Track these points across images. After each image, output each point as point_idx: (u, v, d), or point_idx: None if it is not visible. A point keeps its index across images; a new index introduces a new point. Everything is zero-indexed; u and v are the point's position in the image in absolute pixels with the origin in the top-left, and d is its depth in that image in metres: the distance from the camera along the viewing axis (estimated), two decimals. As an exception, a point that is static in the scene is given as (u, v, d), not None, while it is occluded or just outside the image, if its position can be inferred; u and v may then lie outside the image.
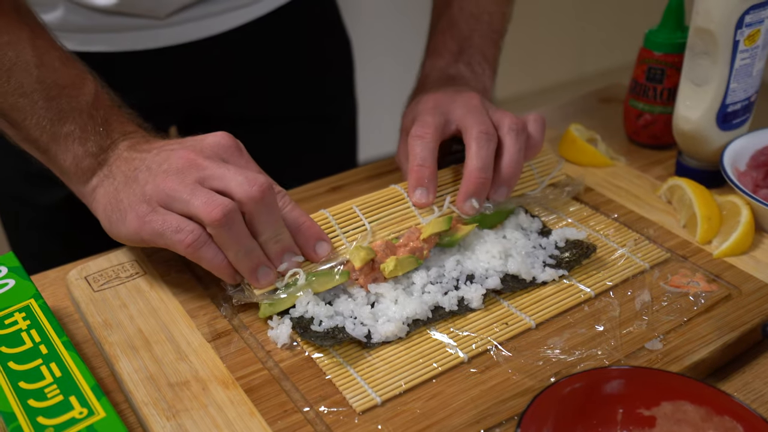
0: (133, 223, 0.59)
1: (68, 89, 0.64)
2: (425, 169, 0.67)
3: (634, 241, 0.69)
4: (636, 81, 0.84)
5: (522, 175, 0.72)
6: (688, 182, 0.73)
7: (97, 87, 0.66)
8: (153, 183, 0.59)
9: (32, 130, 0.63)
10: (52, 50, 0.65)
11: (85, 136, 0.63)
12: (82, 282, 0.64)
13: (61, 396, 0.50)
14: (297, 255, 0.61)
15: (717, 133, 0.76)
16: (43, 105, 0.63)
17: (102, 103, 0.65)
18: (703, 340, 0.58)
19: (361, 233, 0.65)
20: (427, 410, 0.53)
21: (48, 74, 0.63)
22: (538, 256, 0.66)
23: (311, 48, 0.96)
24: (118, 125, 0.65)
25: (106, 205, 0.62)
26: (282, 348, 0.58)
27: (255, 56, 0.90)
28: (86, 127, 0.64)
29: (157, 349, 0.58)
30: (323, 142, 1.02)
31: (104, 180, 0.63)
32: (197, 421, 0.52)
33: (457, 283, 0.63)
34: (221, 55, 0.88)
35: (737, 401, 0.47)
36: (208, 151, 0.60)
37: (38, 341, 0.55)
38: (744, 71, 0.73)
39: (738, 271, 0.65)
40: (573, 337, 0.59)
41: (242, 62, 0.90)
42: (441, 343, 0.58)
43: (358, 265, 0.61)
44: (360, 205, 0.67)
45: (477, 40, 0.81)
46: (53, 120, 0.63)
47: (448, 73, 0.79)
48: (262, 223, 0.58)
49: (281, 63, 0.93)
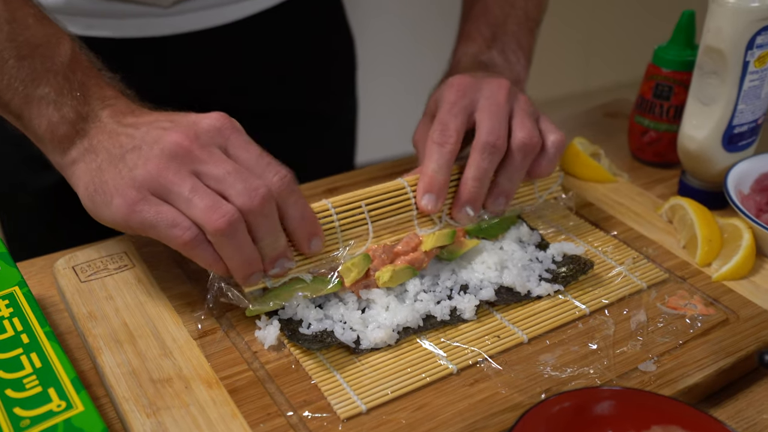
0: (120, 209, 0.55)
1: (42, 48, 0.59)
2: (439, 178, 0.65)
3: (633, 259, 0.68)
4: (643, 97, 0.83)
5: (521, 188, 0.71)
6: (690, 202, 0.72)
7: (74, 47, 0.61)
8: (144, 168, 0.55)
9: (3, 92, 0.59)
10: (26, 6, 0.60)
11: (61, 100, 0.59)
12: (69, 271, 0.63)
13: (39, 387, 0.49)
14: (290, 261, 0.59)
15: (722, 154, 0.75)
16: (15, 64, 0.59)
17: (80, 65, 0.61)
18: (697, 364, 0.57)
19: (360, 237, 0.64)
20: (413, 421, 0.52)
21: (20, 31, 0.59)
22: (534, 269, 0.65)
23: (314, 43, 0.95)
24: (97, 90, 0.60)
25: (88, 184, 0.58)
26: (269, 349, 0.57)
27: (257, 49, 0.89)
28: (62, 90, 0.59)
29: (142, 343, 0.57)
30: (321, 140, 1.01)
31: (85, 155, 0.59)
32: (178, 420, 0.51)
33: (451, 292, 0.62)
34: (223, 47, 0.87)
35: (731, 430, 0.46)
36: (204, 137, 0.56)
37: (20, 330, 0.54)
38: (752, 93, 0.73)
39: (737, 296, 0.64)
40: (565, 354, 0.58)
41: (244, 54, 0.89)
42: (431, 353, 0.57)
43: (349, 284, 0.60)
44: (364, 198, 0.65)
45: (512, 27, 0.79)
46: (25, 81, 0.59)
47: (480, 60, 0.77)
48: (261, 232, 0.56)
49: (284, 56, 0.92)
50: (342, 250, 0.63)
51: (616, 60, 2.60)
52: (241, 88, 0.91)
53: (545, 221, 0.73)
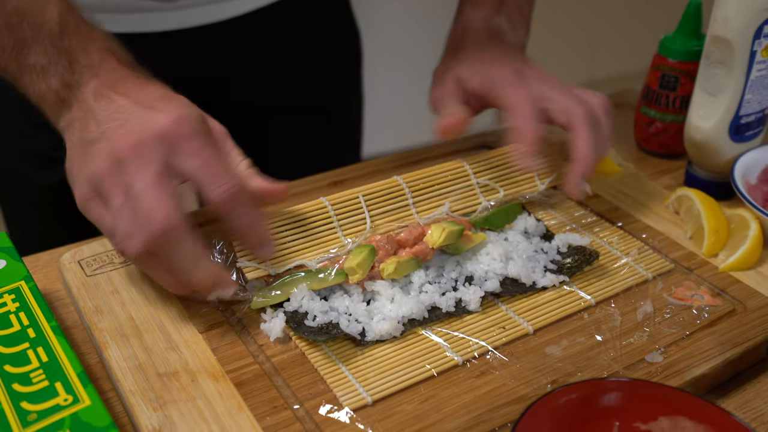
0: (77, 199, 0.56)
1: (30, 15, 0.58)
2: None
3: (638, 250, 0.68)
4: (649, 87, 0.83)
5: (522, 176, 0.71)
6: (696, 193, 0.71)
7: (62, 9, 0.59)
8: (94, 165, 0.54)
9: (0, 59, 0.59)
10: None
11: (48, 69, 0.58)
12: (74, 266, 0.63)
13: (46, 381, 0.49)
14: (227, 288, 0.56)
15: (729, 144, 0.75)
16: (5, 34, 0.58)
17: (68, 27, 0.59)
18: (704, 354, 0.57)
19: (359, 230, 0.64)
20: (420, 413, 0.52)
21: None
22: (540, 260, 0.64)
23: (320, 38, 0.95)
24: (83, 57, 0.59)
25: (67, 159, 0.58)
26: (275, 342, 0.57)
27: (263, 43, 0.89)
28: (49, 59, 0.58)
29: (148, 337, 0.57)
30: (326, 135, 1.00)
31: (68, 127, 0.58)
32: (184, 413, 0.51)
33: (456, 284, 0.62)
34: (229, 41, 0.87)
35: (738, 420, 0.46)
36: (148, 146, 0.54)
37: (26, 324, 0.54)
38: (760, 83, 0.72)
39: (744, 286, 0.64)
40: (571, 346, 0.57)
41: (250, 49, 0.89)
42: (436, 344, 0.57)
43: (354, 280, 0.60)
44: (362, 193, 0.65)
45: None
46: (16, 50, 0.58)
47: (489, 25, 0.78)
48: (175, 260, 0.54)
49: (290, 50, 0.92)
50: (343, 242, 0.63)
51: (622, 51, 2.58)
52: (247, 82, 0.91)
53: (550, 212, 0.72)
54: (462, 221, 0.66)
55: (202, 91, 0.91)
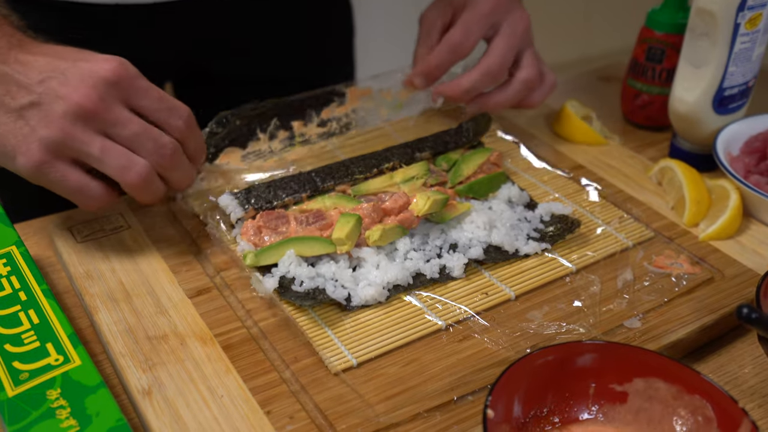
0: (25, 168, 0.56)
1: None
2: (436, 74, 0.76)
3: (620, 219, 0.69)
4: (636, 60, 0.83)
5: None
6: (679, 164, 0.72)
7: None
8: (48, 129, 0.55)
9: None
10: None
11: None
12: (65, 232, 0.64)
13: (37, 342, 0.50)
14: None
15: (712, 116, 0.76)
16: None
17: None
18: (681, 320, 0.58)
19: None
20: (403, 375, 0.53)
21: None
22: (523, 228, 0.66)
23: (312, 11, 0.95)
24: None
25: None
26: (262, 307, 0.58)
27: (255, 16, 0.89)
28: None
29: (138, 302, 0.58)
30: None
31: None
32: (173, 374, 0.52)
33: (440, 251, 0.63)
34: (220, 14, 0.86)
35: (709, 381, 0.47)
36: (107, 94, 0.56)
37: (18, 288, 0.55)
38: (743, 55, 0.73)
39: (722, 255, 0.65)
40: (552, 311, 0.59)
41: (242, 20, 0.89)
42: (420, 309, 0.58)
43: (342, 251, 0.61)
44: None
45: None
46: None
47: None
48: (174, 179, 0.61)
49: (282, 23, 0.92)
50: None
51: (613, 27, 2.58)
52: (239, 56, 0.91)
53: (534, 182, 0.73)
54: (447, 191, 0.67)
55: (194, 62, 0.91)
